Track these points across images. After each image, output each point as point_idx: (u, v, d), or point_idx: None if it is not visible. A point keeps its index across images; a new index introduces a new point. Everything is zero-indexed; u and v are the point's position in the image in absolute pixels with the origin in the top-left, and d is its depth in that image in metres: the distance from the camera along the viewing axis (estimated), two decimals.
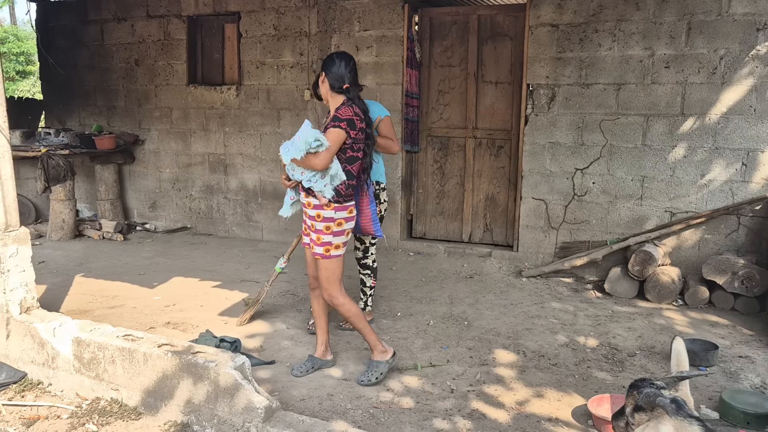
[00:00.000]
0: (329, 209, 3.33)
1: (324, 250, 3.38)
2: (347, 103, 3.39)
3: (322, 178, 3.29)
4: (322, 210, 3.34)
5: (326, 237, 3.37)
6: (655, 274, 4.86)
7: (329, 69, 3.43)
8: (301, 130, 3.27)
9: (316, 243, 3.39)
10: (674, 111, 5.10)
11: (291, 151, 3.24)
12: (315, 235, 3.39)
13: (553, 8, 5.39)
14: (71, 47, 7.87)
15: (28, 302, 3.61)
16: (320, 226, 3.36)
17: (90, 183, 7.93)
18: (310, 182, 3.30)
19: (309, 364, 3.65)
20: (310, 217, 3.40)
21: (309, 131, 3.22)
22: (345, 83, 3.41)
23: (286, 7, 6.57)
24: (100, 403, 3.24)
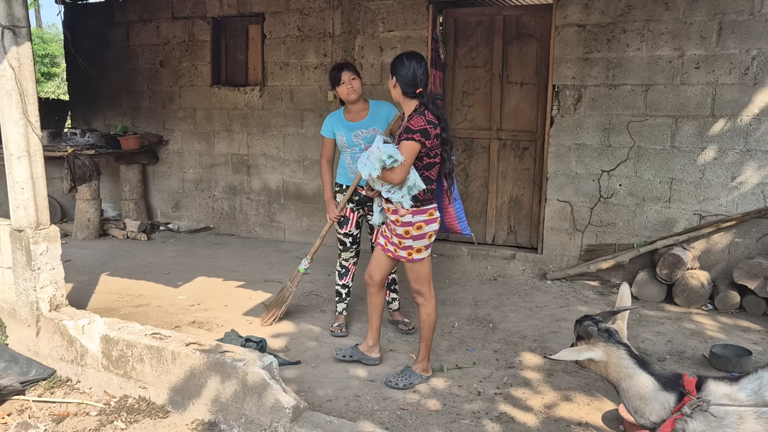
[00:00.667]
0: (407, 214, 3.30)
1: (407, 254, 3.37)
2: (419, 110, 3.23)
3: (399, 189, 3.26)
4: (400, 216, 3.33)
5: (407, 241, 3.33)
6: (684, 278, 4.78)
7: (399, 72, 3.26)
8: (374, 144, 3.23)
9: (399, 247, 3.38)
10: (704, 112, 5.01)
11: (368, 167, 3.20)
12: (397, 239, 3.38)
13: (580, 8, 5.33)
14: (97, 48, 7.96)
15: (58, 300, 3.65)
16: (400, 231, 3.34)
17: (114, 183, 8.01)
18: (389, 193, 3.29)
19: (350, 351, 3.75)
20: (391, 221, 3.40)
21: (382, 148, 3.14)
22: (418, 87, 3.24)
23: (310, 8, 6.59)
24: (128, 401, 3.25)
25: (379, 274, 3.58)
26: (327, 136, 4.16)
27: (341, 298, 4.31)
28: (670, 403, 2.05)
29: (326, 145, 4.18)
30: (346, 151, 4.11)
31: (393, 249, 3.42)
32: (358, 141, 4.05)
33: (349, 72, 3.99)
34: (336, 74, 4.00)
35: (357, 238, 4.24)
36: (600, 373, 2.27)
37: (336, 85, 4.02)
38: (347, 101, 4.05)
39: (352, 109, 4.09)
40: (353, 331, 4.29)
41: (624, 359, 2.16)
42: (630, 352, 2.19)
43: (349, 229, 4.18)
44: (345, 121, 4.08)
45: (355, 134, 4.04)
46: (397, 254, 3.42)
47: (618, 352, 2.17)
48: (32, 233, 3.51)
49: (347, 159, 4.13)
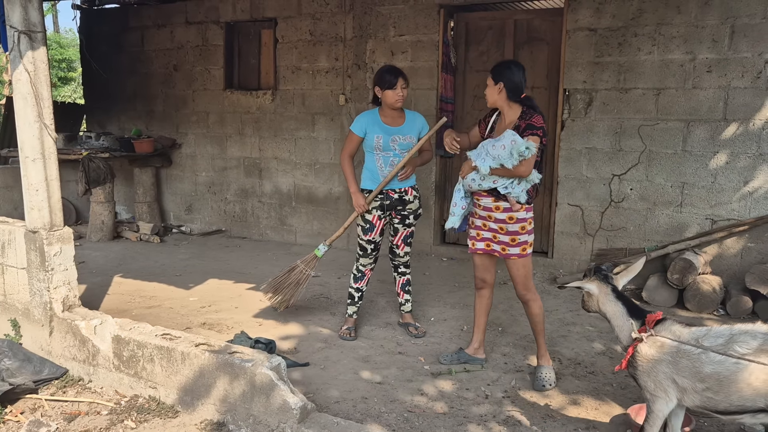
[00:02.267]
0: (522, 211, 3.41)
1: (521, 249, 3.45)
2: (533, 111, 3.37)
3: (518, 183, 3.36)
4: (513, 212, 3.40)
5: (522, 237, 3.44)
6: (696, 283, 4.75)
7: (507, 77, 3.38)
8: (504, 138, 3.30)
9: (511, 245, 3.44)
10: (716, 116, 4.98)
11: (501, 159, 3.27)
12: (508, 238, 3.44)
13: (592, 12, 5.32)
14: (112, 53, 8.06)
15: (71, 300, 3.70)
16: (514, 228, 3.42)
17: (128, 186, 8.10)
18: (507, 188, 3.36)
19: (456, 356, 3.77)
20: (498, 220, 3.44)
21: (518, 140, 3.25)
22: (522, 92, 3.42)
23: (322, 13, 6.63)
24: (139, 401, 3.29)
25: (490, 275, 3.68)
26: (357, 134, 4.06)
27: (353, 302, 4.32)
28: (634, 327, 2.61)
29: (353, 141, 4.09)
30: (377, 153, 4.05)
31: (500, 248, 3.48)
32: (393, 146, 4.02)
33: (404, 80, 3.98)
34: (391, 78, 3.94)
35: (379, 245, 4.21)
36: (594, 307, 2.87)
37: (385, 88, 3.95)
38: (391, 107, 4.01)
39: (390, 113, 4.05)
40: (362, 334, 4.31)
41: (608, 294, 2.77)
42: (614, 289, 2.77)
43: (374, 236, 4.14)
44: (382, 123, 4.03)
45: (393, 139, 4.01)
46: (506, 252, 3.46)
47: (605, 288, 2.78)
48: (46, 234, 3.57)
49: (378, 162, 4.06)
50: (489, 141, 3.41)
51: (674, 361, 2.42)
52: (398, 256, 4.30)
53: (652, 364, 2.49)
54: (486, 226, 3.50)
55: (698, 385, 2.34)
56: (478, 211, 3.54)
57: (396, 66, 4.13)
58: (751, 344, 2.24)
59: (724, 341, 2.33)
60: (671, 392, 2.44)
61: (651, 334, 2.52)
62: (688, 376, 2.37)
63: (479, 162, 3.35)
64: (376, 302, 4.94)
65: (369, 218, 4.11)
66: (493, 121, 3.55)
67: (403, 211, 4.15)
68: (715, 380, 2.29)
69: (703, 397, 2.34)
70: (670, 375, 2.42)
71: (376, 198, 4.07)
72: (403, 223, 4.18)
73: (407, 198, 4.13)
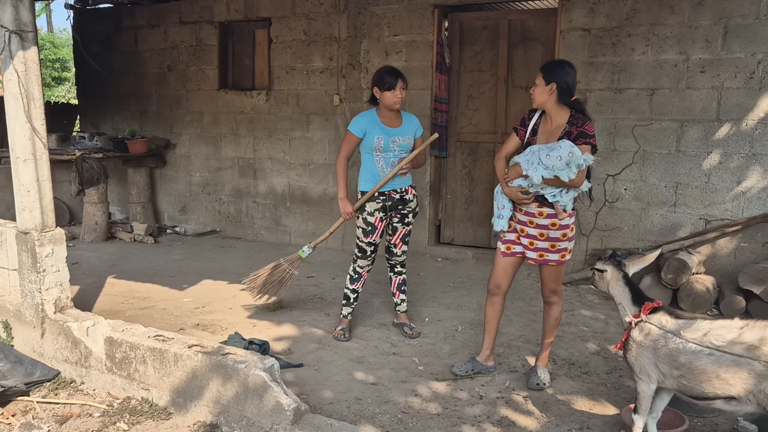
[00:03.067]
0: (566, 217, 3.30)
1: (560, 256, 3.36)
2: (584, 117, 3.24)
3: (567, 192, 3.25)
4: (557, 219, 3.29)
5: (563, 243, 3.35)
6: (689, 283, 4.76)
7: (561, 78, 3.22)
8: (561, 149, 3.15)
9: (550, 251, 3.34)
10: (710, 116, 5.00)
11: (556, 171, 3.14)
12: (548, 244, 3.33)
13: (586, 12, 5.33)
14: (106, 53, 8.03)
15: (63, 302, 3.68)
16: (556, 234, 3.32)
17: (122, 186, 8.07)
18: (556, 197, 3.25)
19: (470, 365, 3.65)
20: (540, 226, 3.33)
21: (575, 151, 3.13)
22: (573, 95, 3.27)
23: (317, 13, 6.62)
24: (131, 403, 3.27)
25: (508, 282, 3.56)
26: (356, 135, 4.02)
27: (348, 303, 4.31)
28: (629, 312, 2.81)
29: (351, 142, 4.06)
30: (378, 155, 4.03)
31: (537, 255, 3.37)
32: (394, 147, 4.01)
33: (403, 81, 3.96)
34: (391, 80, 3.92)
35: (377, 247, 4.20)
36: (604, 288, 3.01)
37: (384, 89, 3.94)
38: (389, 108, 4.00)
39: (387, 114, 4.03)
40: (356, 335, 4.30)
41: (619, 279, 2.92)
42: (625, 275, 2.91)
43: (374, 239, 4.13)
44: (382, 124, 4.02)
45: (393, 140, 4.00)
46: (543, 258, 3.37)
47: (617, 274, 2.93)
48: (38, 235, 3.55)
49: (379, 164, 4.04)
50: (541, 148, 3.23)
51: (656, 348, 2.61)
52: (395, 255, 4.29)
53: (639, 348, 2.68)
54: (524, 231, 3.38)
55: (674, 372, 2.54)
56: (518, 215, 3.40)
57: (395, 67, 4.10)
58: (725, 337, 2.41)
59: (702, 334, 2.48)
60: (653, 376, 2.65)
61: (641, 320, 2.71)
62: (666, 363, 2.56)
63: (531, 171, 3.21)
64: (370, 303, 4.93)
65: (371, 220, 4.09)
66: (535, 123, 3.38)
67: (403, 210, 4.15)
68: (687, 369, 2.48)
69: (678, 383, 2.56)
70: (653, 360, 2.62)
71: (378, 200, 4.06)
72: (402, 222, 4.18)
73: (408, 197, 4.14)
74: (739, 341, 2.37)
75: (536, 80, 3.29)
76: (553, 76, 3.23)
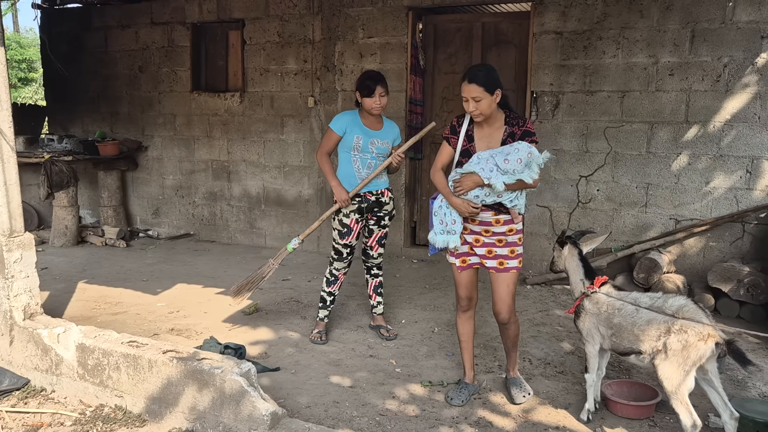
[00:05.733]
0: (518, 221, 3.23)
1: (518, 262, 3.26)
2: (517, 113, 3.22)
3: (521, 194, 3.18)
4: (513, 224, 3.21)
5: (519, 248, 3.26)
6: (661, 282, 4.84)
7: (499, 82, 3.12)
8: (520, 151, 3.06)
9: (511, 257, 3.23)
10: (679, 118, 5.10)
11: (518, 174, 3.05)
12: (507, 250, 3.22)
13: (558, 16, 5.40)
14: (75, 54, 7.88)
15: (32, 308, 3.60)
16: (513, 239, 3.23)
17: (93, 189, 7.93)
18: (513, 201, 3.16)
19: (466, 392, 3.42)
20: (497, 234, 3.21)
21: (534, 151, 3.07)
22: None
23: (291, 15, 6.59)
24: (104, 410, 3.22)
25: (476, 293, 3.44)
26: (337, 132, 4.03)
27: (325, 305, 4.29)
28: (585, 285, 3.17)
29: (332, 139, 4.06)
30: (355, 155, 4.04)
31: (497, 263, 3.24)
32: (371, 149, 4.02)
33: (383, 88, 3.97)
34: (371, 85, 3.94)
35: (354, 249, 4.19)
36: (561, 266, 3.37)
37: (365, 94, 3.96)
38: (369, 113, 4.02)
39: (369, 117, 4.06)
40: (333, 338, 4.29)
41: (575, 255, 3.26)
42: (580, 252, 3.25)
43: (351, 240, 4.12)
44: (362, 125, 4.04)
45: (371, 141, 4.02)
46: (504, 267, 3.24)
47: (573, 250, 3.27)
48: (5, 241, 3.47)
49: (356, 164, 4.05)
50: (494, 153, 3.10)
51: (599, 313, 3.07)
52: (372, 257, 4.29)
53: (587, 315, 3.12)
54: (479, 241, 3.25)
55: (608, 332, 3.03)
56: (470, 226, 3.26)
57: (378, 72, 4.09)
58: (646, 302, 2.93)
59: (633, 298, 3.01)
60: (596, 338, 3.10)
61: (594, 291, 3.11)
62: (604, 325, 3.04)
63: (494, 180, 3.06)
64: (346, 305, 4.92)
65: (347, 222, 4.09)
66: (467, 129, 3.23)
67: (379, 213, 4.15)
68: (617, 328, 2.98)
69: (610, 342, 3.03)
70: (596, 324, 3.08)
71: (354, 201, 4.06)
72: (378, 224, 4.18)
73: (384, 200, 4.14)
74: (655, 306, 2.88)
75: (475, 93, 3.05)
76: (495, 83, 3.09)
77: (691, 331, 2.68)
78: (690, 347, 2.68)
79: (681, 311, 2.76)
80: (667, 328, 2.75)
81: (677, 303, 2.83)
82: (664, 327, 2.76)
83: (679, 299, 2.86)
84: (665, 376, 2.74)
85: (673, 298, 2.88)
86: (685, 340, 2.68)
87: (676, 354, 2.71)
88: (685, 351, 2.69)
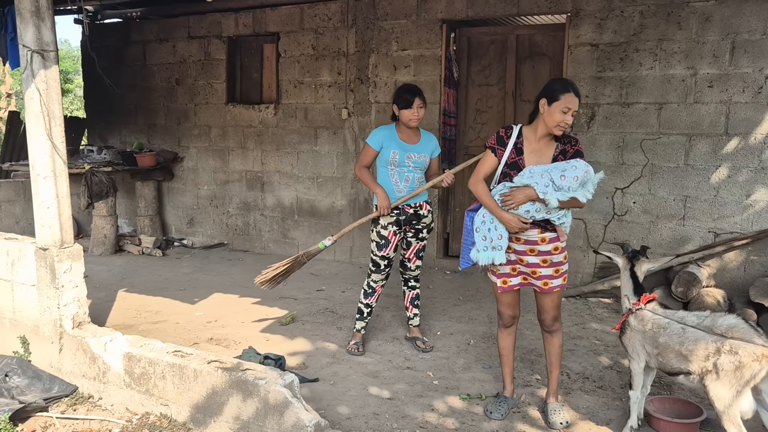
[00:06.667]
0: (564, 240, 3.19)
1: (563, 279, 3.23)
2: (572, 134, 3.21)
3: (568, 212, 3.15)
4: (558, 242, 3.16)
5: (564, 266, 3.22)
6: (700, 296, 4.78)
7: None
8: (577, 169, 3.03)
9: (555, 276, 3.19)
10: (718, 131, 5.04)
11: (572, 192, 3.01)
12: (552, 270, 3.18)
13: (593, 28, 5.39)
14: (114, 67, 8.08)
15: (80, 317, 3.70)
16: (558, 258, 3.19)
17: (130, 199, 8.10)
18: (561, 219, 3.13)
19: (505, 406, 3.41)
20: (542, 252, 3.16)
21: (591, 170, 3.06)
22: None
23: (325, 28, 6.68)
24: (150, 418, 3.29)
25: (519, 310, 3.42)
26: (374, 147, 4.09)
27: (362, 317, 4.33)
28: (631, 302, 3.17)
29: (369, 154, 4.12)
30: (392, 169, 4.08)
31: (541, 283, 3.21)
32: (408, 162, 4.06)
33: (421, 100, 4.01)
34: (409, 97, 3.98)
35: (392, 261, 4.22)
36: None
37: (402, 107, 4.01)
38: (406, 125, 4.06)
39: (406, 131, 4.10)
40: (369, 349, 4.31)
41: (626, 270, 3.28)
42: (632, 267, 3.26)
43: (388, 252, 4.15)
44: (399, 140, 4.08)
45: (408, 156, 4.06)
46: (548, 286, 3.20)
47: (627, 265, 3.29)
48: (56, 252, 3.57)
49: (393, 177, 4.09)
50: (550, 169, 3.05)
51: (644, 331, 3.05)
52: (409, 269, 4.32)
53: (633, 332, 3.12)
54: (524, 260, 3.19)
55: (654, 351, 3.01)
56: (514, 245, 3.18)
57: (415, 85, 4.15)
58: (693, 321, 2.92)
59: (680, 317, 3.00)
60: (642, 355, 3.09)
61: (640, 308, 3.11)
62: (650, 343, 3.02)
63: (549, 195, 3.00)
64: (381, 316, 4.95)
65: (384, 234, 4.12)
66: (516, 141, 3.17)
67: (417, 225, 4.18)
68: (663, 347, 2.96)
69: (657, 361, 3.01)
70: (642, 342, 3.07)
71: (392, 214, 4.10)
72: (417, 237, 4.21)
73: (422, 212, 4.17)
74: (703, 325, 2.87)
75: (577, 106, 3.04)
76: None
77: (743, 351, 2.66)
78: (743, 367, 2.65)
79: (732, 331, 2.73)
80: (717, 348, 2.72)
81: (727, 322, 2.79)
82: (713, 347, 2.74)
83: (729, 318, 2.82)
84: (716, 397, 2.72)
85: (723, 317, 2.84)
86: (738, 360, 2.66)
87: (727, 374, 2.68)
88: (738, 371, 2.66)
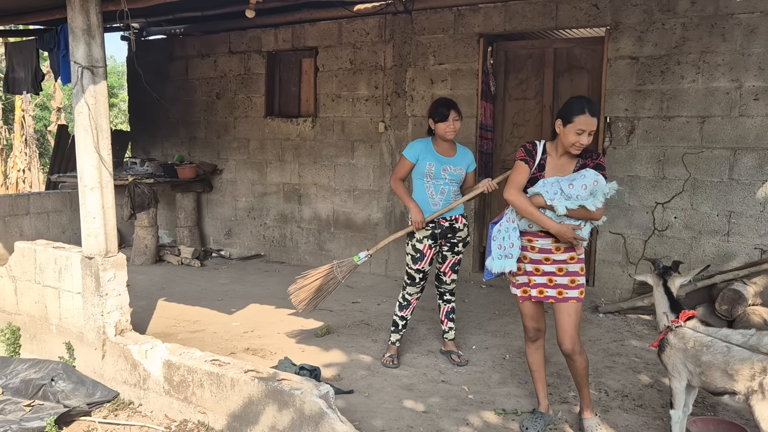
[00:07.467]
0: (580, 251, 3.18)
1: (579, 292, 3.19)
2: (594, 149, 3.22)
3: (586, 224, 3.15)
4: (574, 252, 3.17)
5: (581, 278, 3.20)
6: (746, 314, 4.64)
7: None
8: (586, 178, 3.08)
9: (570, 287, 3.18)
10: (764, 144, 4.91)
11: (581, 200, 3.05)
12: (567, 279, 3.18)
13: (633, 41, 5.33)
14: (158, 82, 8.31)
15: (123, 324, 3.79)
16: (575, 268, 3.19)
17: (170, 210, 8.29)
18: (579, 231, 3.14)
19: (541, 422, 3.35)
20: (557, 262, 3.18)
21: (602, 180, 3.08)
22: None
23: (363, 42, 6.76)
24: (188, 425, 3.34)
25: (544, 323, 3.39)
26: (410, 159, 4.12)
27: (397, 329, 4.33)
28: (669, 319, 3.11)
29: (405, 166, 4.16)
30: (428, 181, 4.10)
31: (556, 293, 3.20)
32: (444, 175, 4.08)
33: (456, 112, 4.05)
34: (444, 111, 4.02)
35: (427, 274, 4.23)
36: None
37: (437, 120, 4.05)
38: (442, 138, 4.09)
39: (442, 144, 4.13)
40: (404, 362, 4.31)
41: (659, 287, 3.22)
42: (665, 284, 3.20)
43: (423, 266, 4.16)
44: (435, 152, 4.11)
45: (444, 168, 4.08)
46: (563, 297, 3.19)
47: (659, 281, 3.23)
48: (101, 260, 3.68)
49: (429, 190, 4.11)
50: (560, 179, 3.11)
51: (686, 349, 2.97)
52: (445, 283, 4.31)
53: (672, 350, 3.05)
54: (539, 270, 3.21)
55: (696, 369, 2.93)
56: (529, 255, 3.22)
57: (450, 99, 4.19)
58: (739, 339, 2.84)
59: (723, 335, 2.92)
60: (683, 373, 3.01)
61: (679, 326, 3.04)
62: (692, 361, 2.94)
63: (557, 202, 3.07)
64: (416, 329, 4.94)
65: (420, 247, 4.13)
66: (540, 159, 3.20)
67: (452, 239, 4.18)
68: (706, 366, 2.88)
69: (700, 379, 2.93)
70: (683, 360, 2.99)
71: (427, 227, 4.11)
72: (452, 250, 4.21)
73: (457, 226, 4.17)
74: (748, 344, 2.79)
75: (594, 127, 3.05)
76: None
77: None
78: None
79: None
80: (763, 368, 2.64)
81: None
82: (759, 366, 2.66)
83: None
84: (762, 417, 2.63)
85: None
86: None
87: None
88: None
